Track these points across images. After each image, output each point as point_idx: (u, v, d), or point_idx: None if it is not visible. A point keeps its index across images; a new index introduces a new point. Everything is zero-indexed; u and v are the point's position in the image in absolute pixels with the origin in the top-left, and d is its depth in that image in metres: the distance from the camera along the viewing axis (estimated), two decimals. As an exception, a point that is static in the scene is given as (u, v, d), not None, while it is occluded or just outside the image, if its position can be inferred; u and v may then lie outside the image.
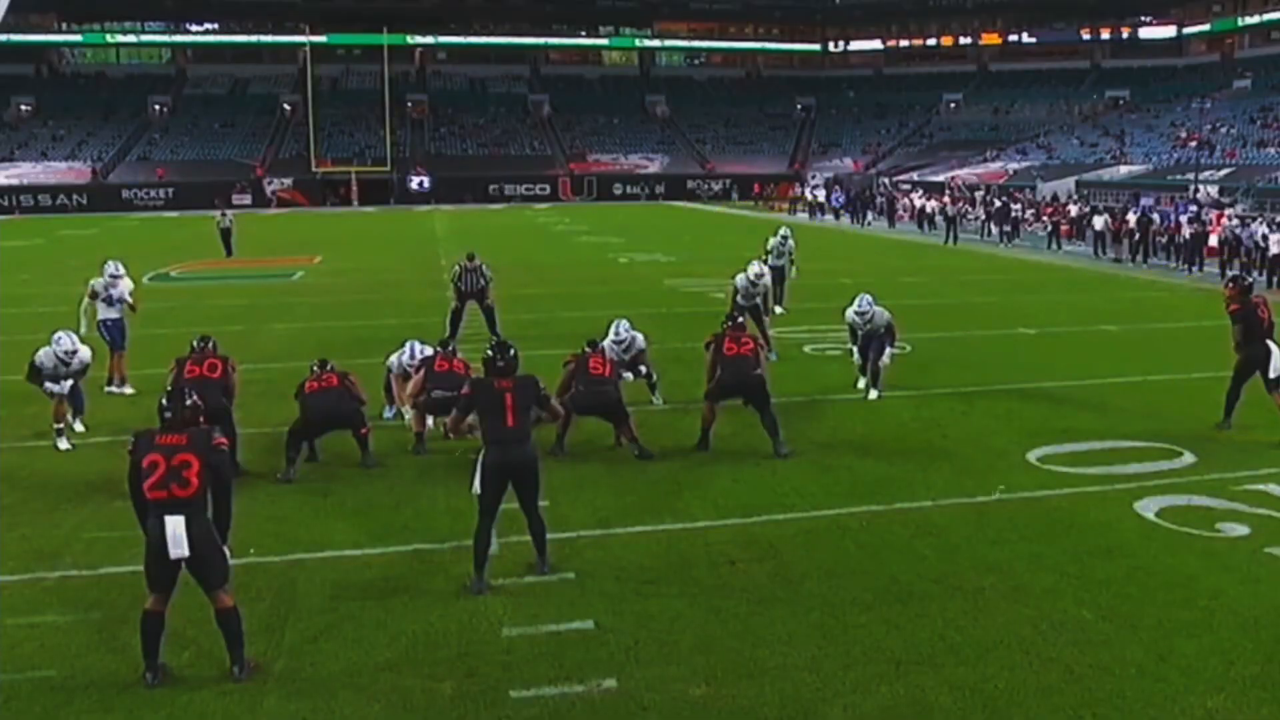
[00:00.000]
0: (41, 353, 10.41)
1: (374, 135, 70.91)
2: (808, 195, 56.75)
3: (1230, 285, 10.83)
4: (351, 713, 5.46)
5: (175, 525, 5.59)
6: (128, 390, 13.01)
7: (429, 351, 11.10)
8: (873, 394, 12.17)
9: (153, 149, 72.86)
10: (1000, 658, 5.95)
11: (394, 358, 11.37)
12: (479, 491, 6.84)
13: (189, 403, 5.97)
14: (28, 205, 65.02)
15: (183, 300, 22.33)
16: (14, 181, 67.64)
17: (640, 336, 11.88)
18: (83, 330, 12.62)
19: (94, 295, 13.45)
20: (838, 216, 49.34)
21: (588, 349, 10.79)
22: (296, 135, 72.40)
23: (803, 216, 51.47)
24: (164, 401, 5.94)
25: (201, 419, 6.00)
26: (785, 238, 19.06)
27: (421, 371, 10.50)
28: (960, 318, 18.58)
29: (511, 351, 7.26)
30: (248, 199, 62.53)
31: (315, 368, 10.32)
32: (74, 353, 10.44)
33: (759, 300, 15.25)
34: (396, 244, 35.88)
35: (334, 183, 67.54)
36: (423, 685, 5.70)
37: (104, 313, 13.45)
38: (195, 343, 10.17)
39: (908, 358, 14.24)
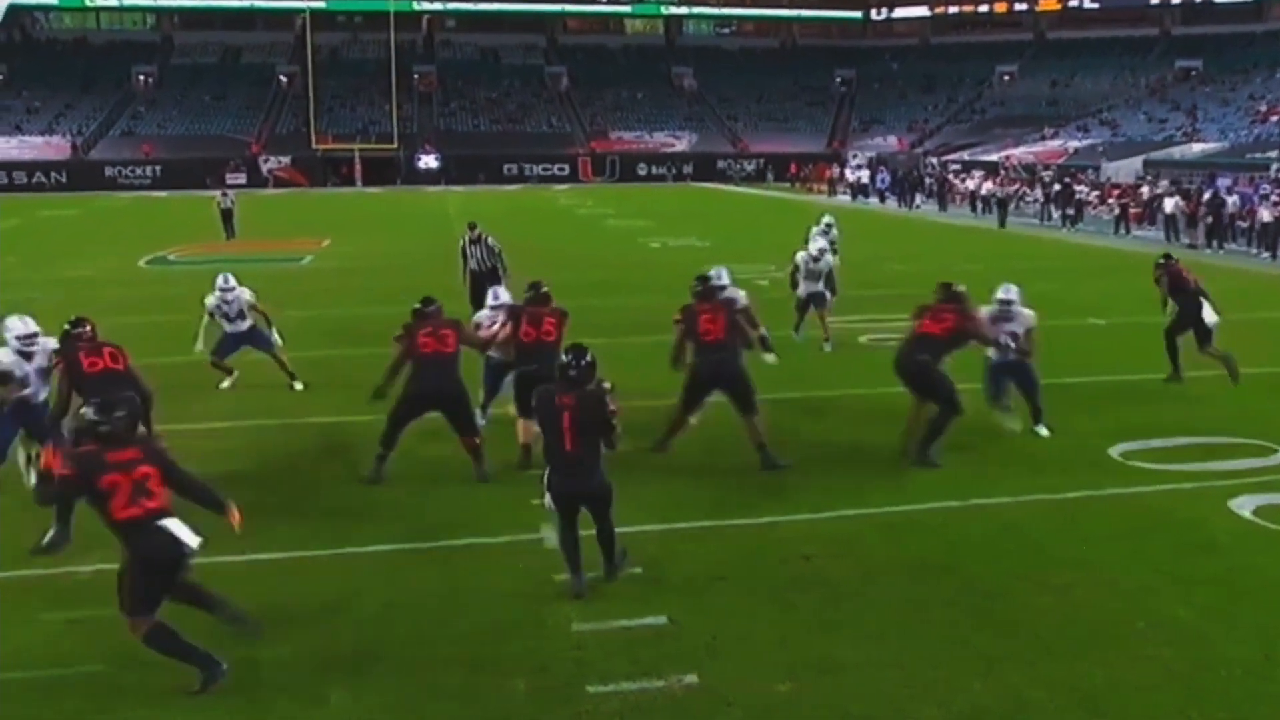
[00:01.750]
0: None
1: (378, 110, 71.42)
2: (848, 176, 56.93)
3: None
4: (424, 710, 5.74)
5: (174, 524, 5.86)
6: (298, 385, 13.01)
7: (505, 299, 10.61)
8: (1043, 430, 10.57)
9: (138, 123, 73.50)
10: (1096, 655, 6.20)
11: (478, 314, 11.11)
12: (551, 508, 6.99)
13: (122, 414, 6.00)
14: (2, 183, 65.64)
15: (185, 286, 22.60)
16: (-15, 157, 68.31)
17: (742, 294, 11.41)
18: (198, 347, 12.97)
19: (210, 315, 13.13)
20: (883, 199, 49.54)
21: (697, 286, 10.15)
22: (294, 109, 73.00)
23: (843, 199, 51.66)
24: (95, 415, 5.94)
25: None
26: (830, 225, 19.25)
27: (508, 325, 9.91)
28: (1051, 306, 18.64)
29: (586, 359, 6.88)
30: (242, 178, 63.07)
31: (421, 305, 9.67)
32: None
33: (821, 284, 15.49)
34: (408, 227, 36.27)
35: (336, 161, 68.05)
36: (494, 682, 5.98)
37: (230, 328, 13.16)
38: (71, 327, 8.91)
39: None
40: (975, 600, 6.94)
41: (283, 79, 77.31)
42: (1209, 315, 12.59)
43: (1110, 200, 38.71)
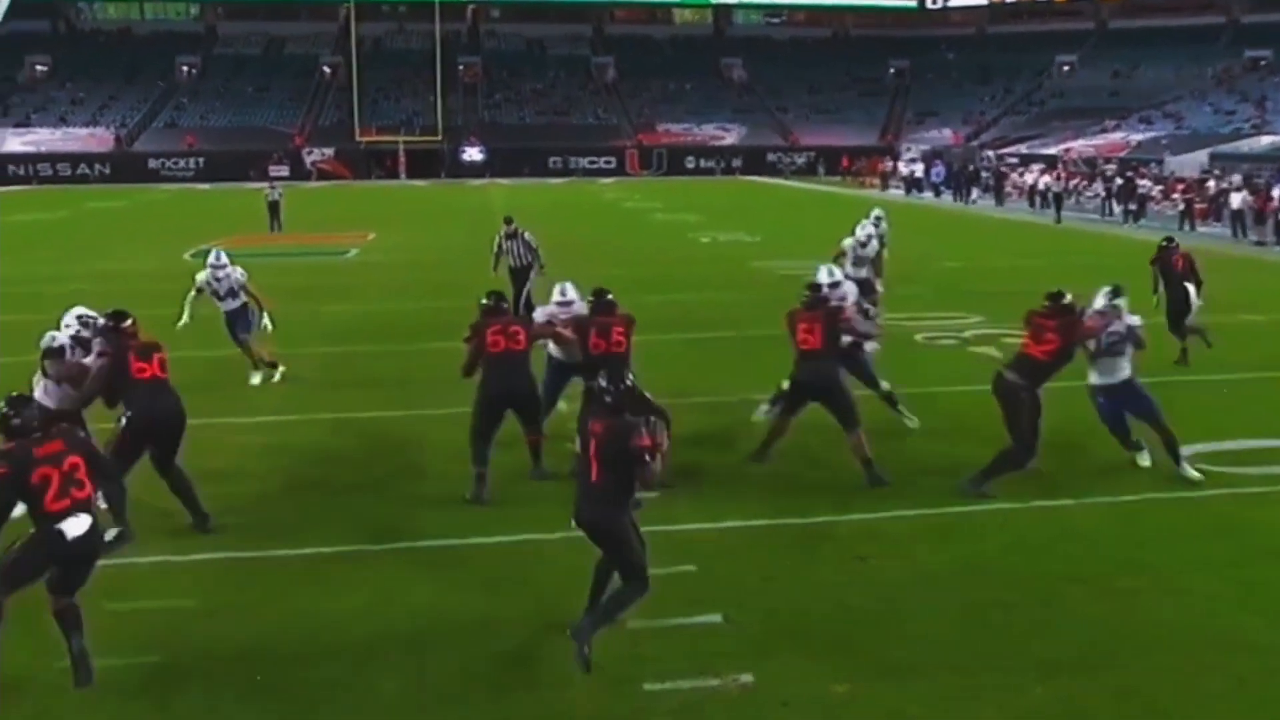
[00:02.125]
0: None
1: (422, 101, 71.95)
2: (901, 170, 56.69)
3: None
4: (479, 704, 5.85)
5: (80, 522, 5.98)
6: (255, 380, 13.20)
7: (573, 295, 10.07)
8: (1192, 473, 9.27)
9: (181, 114, 74.52)
10: (1160, 662, 6.20)
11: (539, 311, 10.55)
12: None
13: (33, 408, 6.21)
14: (45, 174, 66.77)
15: (231, 279, 22.99)
16: (30, 148, 69.50)
17: (853, 290, 10.98)
18: (184, 321, 13.10)
19: (199, 290, 13.37)
20: (938, 194, 49.31)
21: (806, 295, 9.73)
22: (338, 101, 73.70)
23: (896, 193, 51.44)
24: (6, 409, 6.02)
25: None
26: (879, 219, 19.20)
27: (576, 326, 9.54)
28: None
29: (624, 384, 6.29)
30: (285, 170, 63.72)
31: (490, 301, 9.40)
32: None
33: (866, 271, 15.53)
34: (453, 220, 36.51)
35: (379, 154, 68.66)
36: (550, 678, 6.08)
37: (221, 305, 13.33)
38: (116, 321, 8.61)
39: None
40: (1034, 604, 6.96)
41: (326, 70, 78.05)
42: (1194, 300, 13.60)
43: (1174, 195, 38.30)
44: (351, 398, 12.40)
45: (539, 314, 10.46)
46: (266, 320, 13.29)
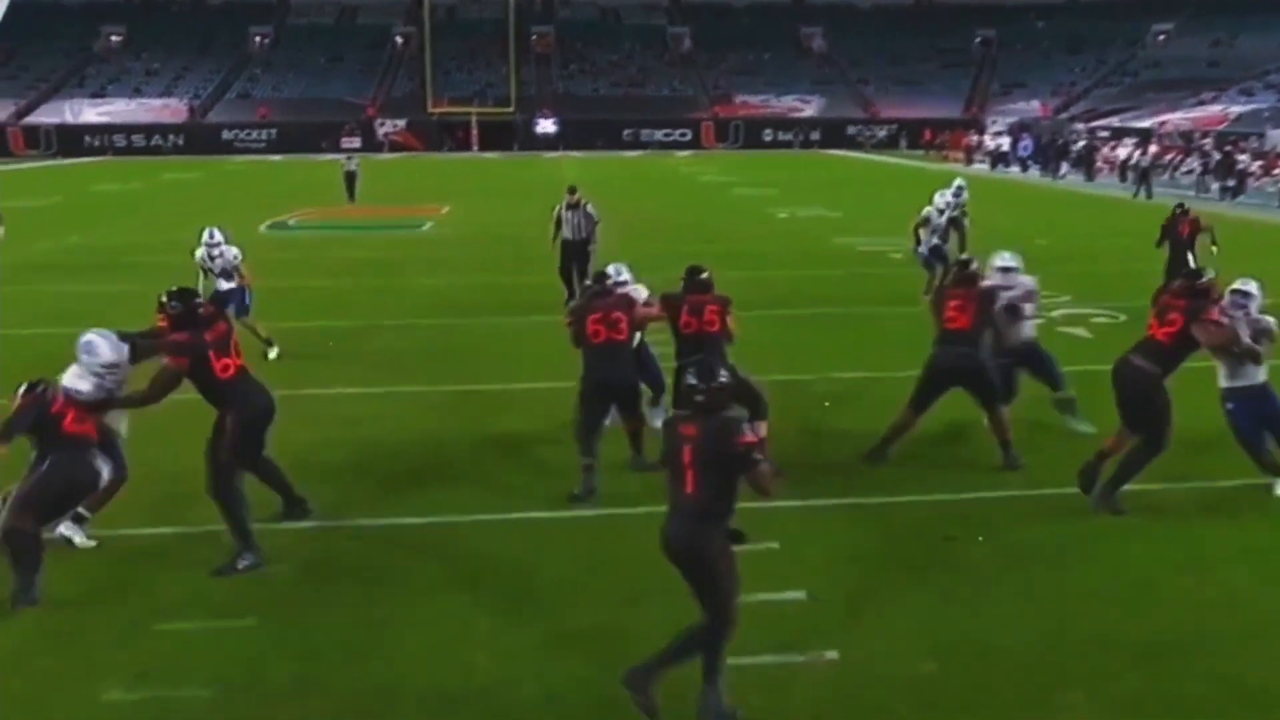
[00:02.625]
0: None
1: (495, 72, 72.34)
2: (987, 143, 56.01)
3: None
4: (567, 672, 6.03)
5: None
6: (271, 354, 13.31)
7: (628, 276, 9.88)
8: None
9: (254, 85, 75.64)
10: (1260, 649, 6.20)
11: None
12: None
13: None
14: (120, 146, 68.16)
15: (307, 251, 23.48)
16: (105, 119, 70.96)
17: (1029, 281, 10.08)
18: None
19: (205, 272, 13.30)
20: (1024, 168, 48.69)
21: (956, 270, 9.52)
22: (410, 72, 74.35)
23: (981, 167, 50.89)
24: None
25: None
26: (960, 189, 19.28)
27: (667, 304, 9.22)
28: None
29: (719, 379, 5.54)
30: (357, 142, 64.36)
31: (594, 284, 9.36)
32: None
33: (938, 238, 16.31)
34: (527, 194, 36.66)
35: (451, 125, 69.17)
36: (635, 648, 6.22)
37: (218, 285, 13.24)
38: (182, 304, 7.56)
39: (1127, 330, 14.30)
40: (1127, 589, 6.98)
41: (399, 40, 78.74)
42: (1192, 263, 14.38)
43: (1276, 171, 37.47)
44: (434, 371, 12.63)
45: None
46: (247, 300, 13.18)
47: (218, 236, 13.25)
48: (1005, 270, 9.83)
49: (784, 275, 19.54)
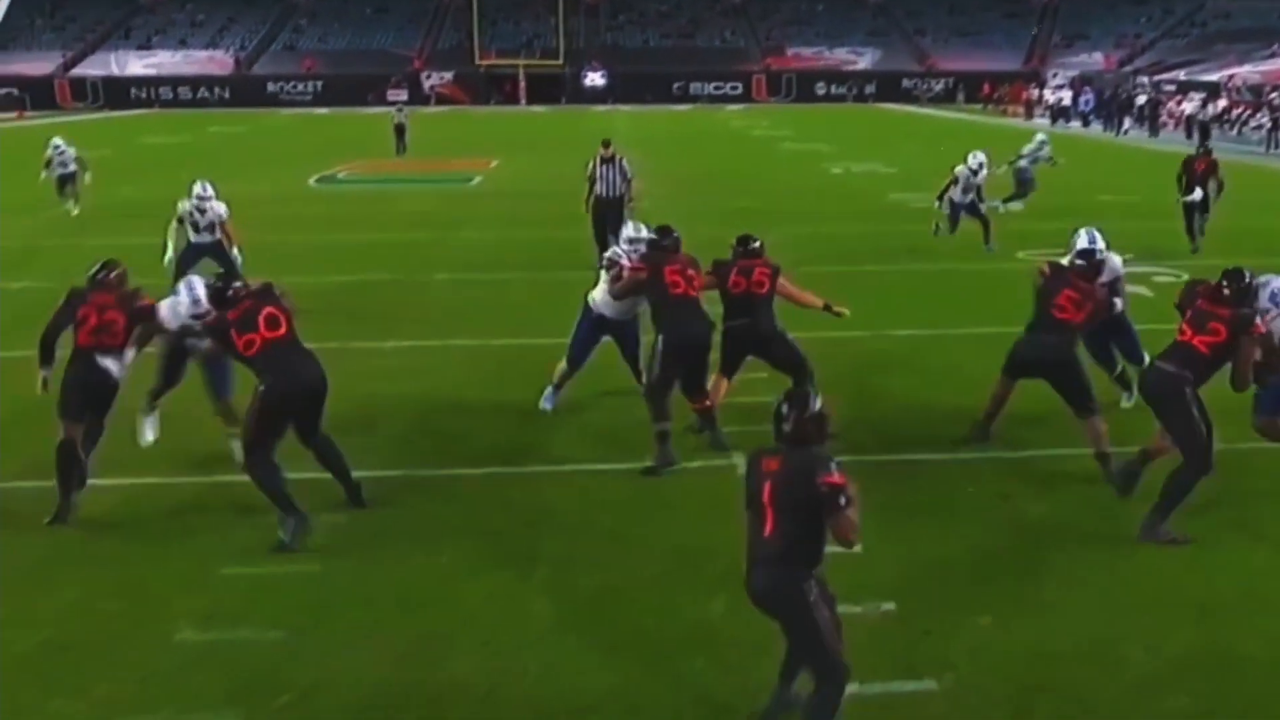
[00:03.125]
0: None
1: (544, 24, 72.23)
2: (1048, 97, 55.38)
3: None
4: (623, 621, 6.23)
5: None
6: None
7: (646, 234, 9.43)
8: None
9: (299, 37, 76.04)
10: (1310, 610, 6.31)
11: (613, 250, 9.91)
12: None
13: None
14: (166, 98, 68.82)
15: (358, 205, 23.76)
16: (151, 71, 71.69)
17: (1118, 261, 9.65)
18: (169, 255, 12.94)
19: (180, 220, 13.32)
20: (1086, 123, 48.16)
21: (1076, 261, 8.78)
22: (457, 23, 74.37)
23: (1041, 122, 50.30)
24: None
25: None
26: (1043, 143, 19.58)
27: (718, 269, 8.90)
28: (1258, 243, 18.18)
29: (809, 409, 5.02)
30: (403, 95, 64.53)
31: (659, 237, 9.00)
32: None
33: (973, 197, 17.40)
34: (576, 148, 36.53)
35: (499, 78, 69.27)
36: (693, 600, 6.42)
37: (195, 238, 13.30)
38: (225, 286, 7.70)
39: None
40: (1188, 549, 7.06)
41: (446, -8, 78.71)
42: (1196, 194, 17.13)
43: (1349, 126, 36.86)
44: (489, 325, 12.80)
45: (611, 253, 9.82)
46: (237, 253, 13.20)
47: (209, 190, 13.27)
48: (1088, 254, 8.98)
49: (838, 231, 19.56)
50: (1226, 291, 7.32)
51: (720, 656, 5.70)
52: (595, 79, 69.45)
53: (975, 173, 17.39)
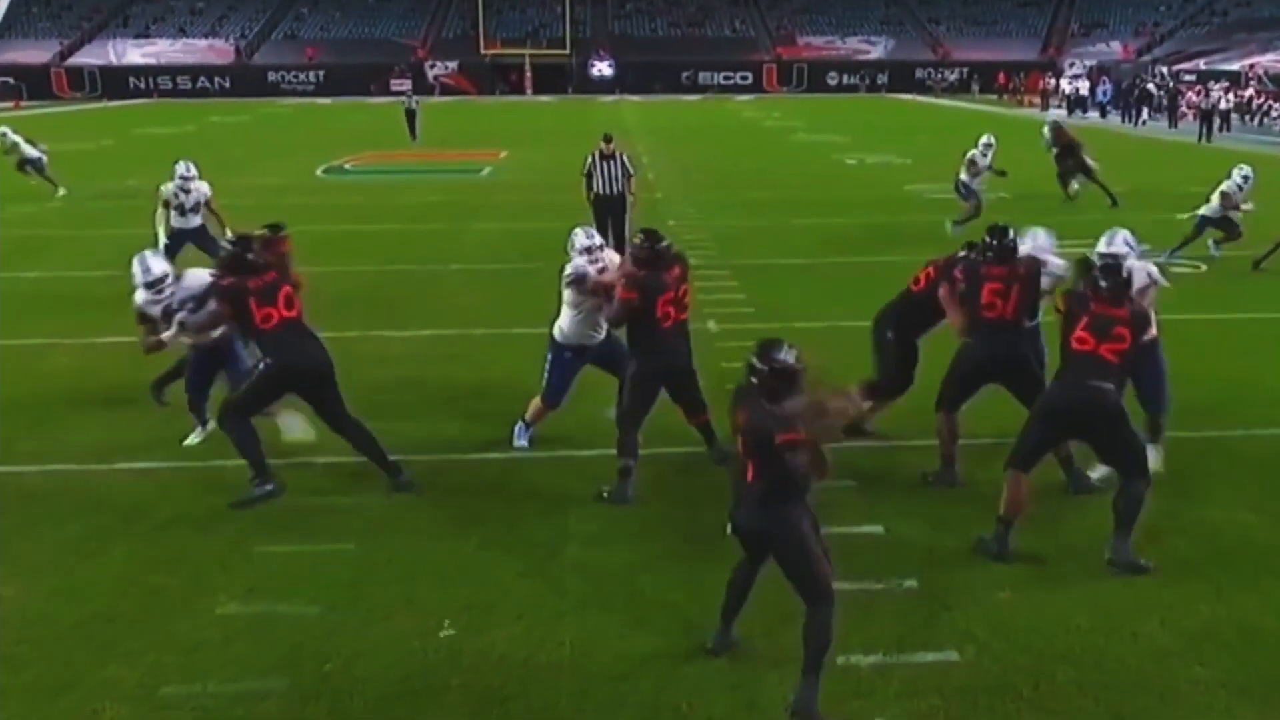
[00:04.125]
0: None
1: (550, 12, 72.54)
2: (1064, 87, 55.61)
3: None
4: (652, 596, 6.55)
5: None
6: None
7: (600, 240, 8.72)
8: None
9: (300, 26, 76.36)
10: (1330, 583, 6.62)
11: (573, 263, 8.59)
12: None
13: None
14: (165, 88, 69.18)
15: (366, 195, 24.10)
16: (151, 60, 72.03)
17: (1153, 270, 8.56)
18: (162, 243, 13.20)
19: (166, 204, 13.68)
20: (1104, 114, 48.37)
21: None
22: (461, 11, 74.68)
23: (1058, 112, 50.51)
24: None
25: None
26: (988, 147, 19.68)
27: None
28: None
29: (783, 361, 5.32)
30: (407, 84, 64.94)
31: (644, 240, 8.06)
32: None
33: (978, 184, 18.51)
34: (585, 139, 36.82)
35: (504, 68, 69.62)
36: (718, 574, 6.71)
37: (178, 222, 13.66)
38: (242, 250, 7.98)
39: (1208, 281, 14.59)
40: (1207, 529, 7.37)
41: (450, -21, 78.97)
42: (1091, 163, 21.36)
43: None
44: (506, 315, 13.09)
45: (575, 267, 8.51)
46: (229, 234, 13.52)
47: (192, 170, 13.72)
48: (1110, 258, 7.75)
49: (853, 223, 19.86)
50: (1104, 285, 6.86)
51: (746, 625, 6.01)
52: (602, 69, 69.79)
53: (984, 153, 18.63)
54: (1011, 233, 8.09)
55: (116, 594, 6.55)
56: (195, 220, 13.75)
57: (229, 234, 13.05)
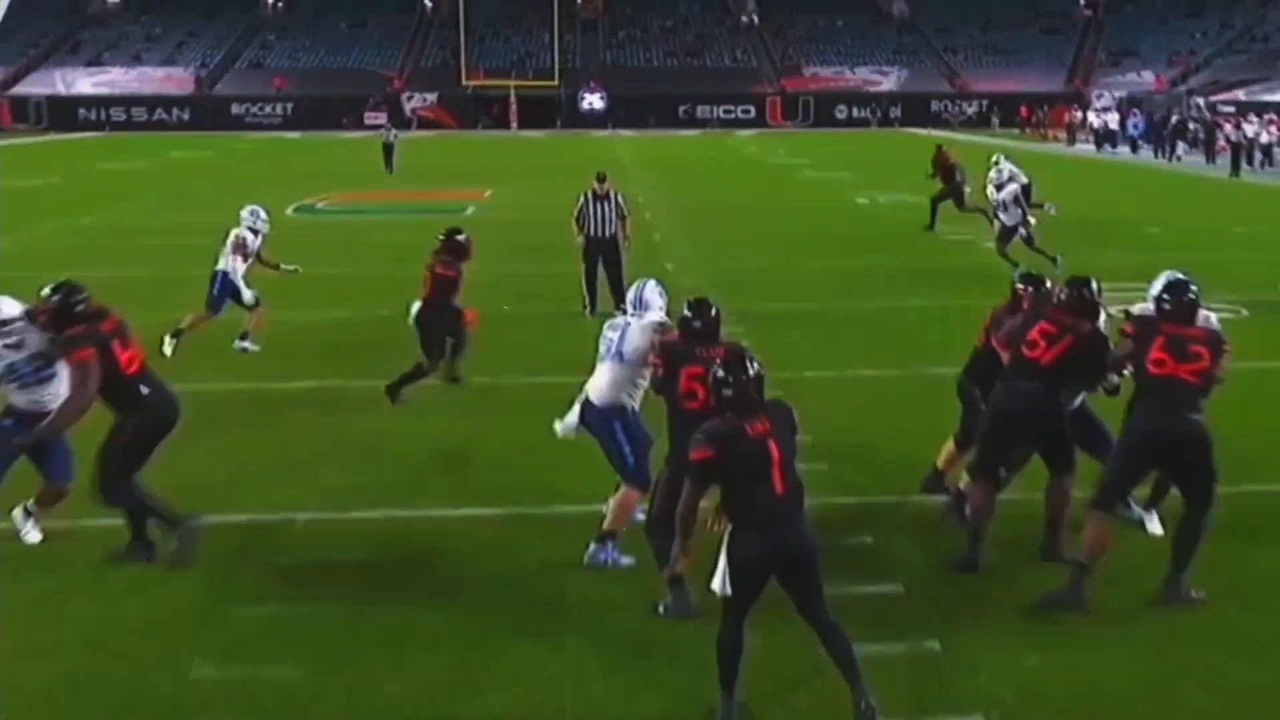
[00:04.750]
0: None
1: (537, 41, 73.36)
2: (1092, 121, 56.21)
3: None
4: (657, 659, 6.69)
5: None
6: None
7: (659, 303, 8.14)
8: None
9: (267, 54, 77.09)
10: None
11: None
12: (725, 592, 5.84)
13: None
14: (119, 120, 69.60)
15: (341, 236, 24.41)
16: (103, 90, 72.52)
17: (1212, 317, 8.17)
18: (246, 293, 13.81)
19: (240, 247, 13.85)
20: (1135, 149, 48.86)
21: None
22: (441, 40, 75.53)
23: (1086, 148, 51.09)
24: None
25: None
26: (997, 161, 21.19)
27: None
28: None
29: (750, 369, 5.81)
30: (383, 118, 65.31)
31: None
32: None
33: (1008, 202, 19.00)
34: (576, 177, 37.20)
35: (487, 100, 70.24)
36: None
37: (226, 264, 13.81)
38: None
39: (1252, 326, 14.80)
40: (1244, 586, 7.53)
41: (428, 4, 79.76)
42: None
43: None
44: (496, 362, 13.21)
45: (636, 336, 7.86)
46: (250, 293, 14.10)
47: (263, 216, 14.19)
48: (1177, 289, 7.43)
49: (866, 264, 20.15)
50: (1169, 305, 7.25)
51: (758, 687, 6.15)
52: (593, 101, 70.46)
53: (1000, 187, 19.46)
54: (1095, 285, 7.81)
55: (86, 655, 6.68)
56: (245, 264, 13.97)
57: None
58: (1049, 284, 8.39)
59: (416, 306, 11.78)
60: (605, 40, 78.02)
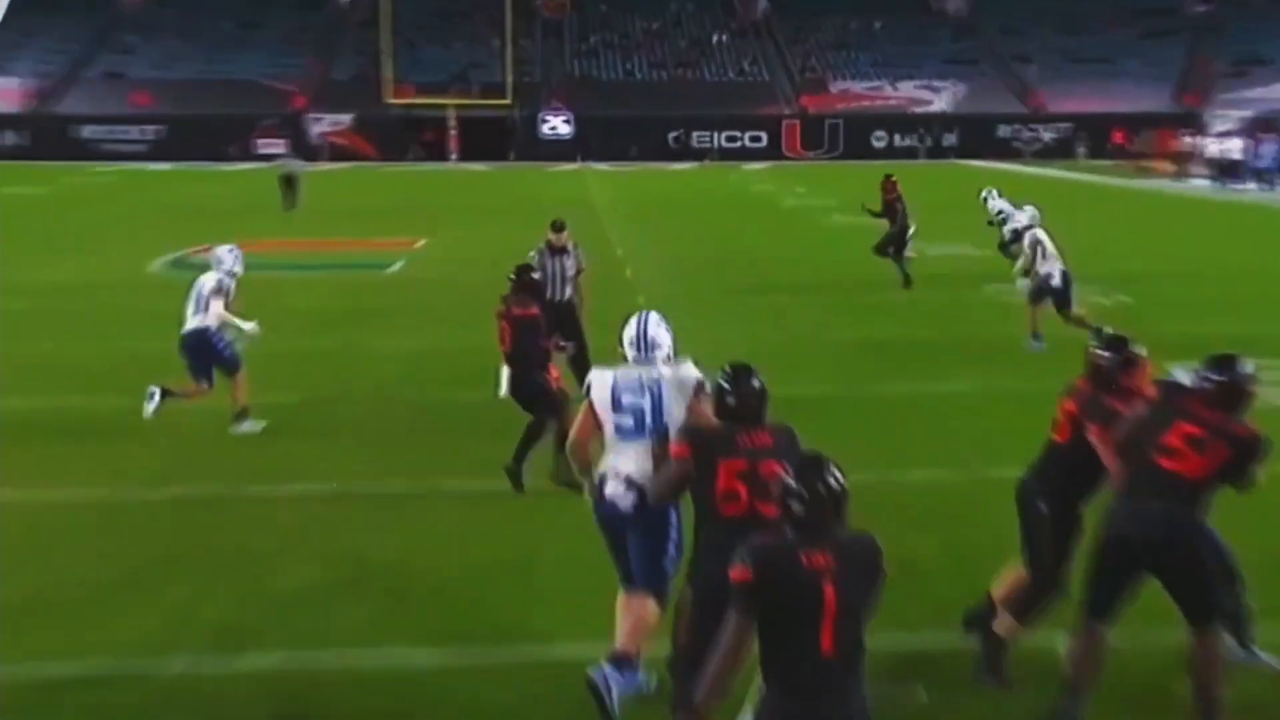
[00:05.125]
0: None
1: (484, 47, 73.76)
2: (1209, 149, 56.52)
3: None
4: None
5: None
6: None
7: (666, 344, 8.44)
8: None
9: (127, 61, 77.29)
10: None
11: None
12: None
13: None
14: (-76, 145, 69.43)
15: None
16: (-99, 105, 72.33)
17: None
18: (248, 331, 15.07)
19: (220, 293, 15.12)
20: (1266, 182, 49.25)
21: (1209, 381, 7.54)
22: (359, 46, 75.93)
23: (1200, 184, 51.35)
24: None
25: None
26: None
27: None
28: None
29: (833, 480, 5.35)
30: (281, 146, 65.32)
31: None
32: None
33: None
34: (533, 221, 37.57)
35: (419, 122, 70.38)
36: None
37: (193, 323, 14.98)
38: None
39: None
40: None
41: (343, 1, 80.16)
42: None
43: None
44: (427, 463, 13.34)
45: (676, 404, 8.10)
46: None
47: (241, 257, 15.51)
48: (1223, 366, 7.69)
49: (905, 336, 20.32)
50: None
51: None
52: (557, 125, 70.85)
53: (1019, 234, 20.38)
54: (1245, 368, 7.64)
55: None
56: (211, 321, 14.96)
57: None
58: (1140, 350, 8.26)
59: (506, 374, 12.63)
60: (573, 47, 78.18)
